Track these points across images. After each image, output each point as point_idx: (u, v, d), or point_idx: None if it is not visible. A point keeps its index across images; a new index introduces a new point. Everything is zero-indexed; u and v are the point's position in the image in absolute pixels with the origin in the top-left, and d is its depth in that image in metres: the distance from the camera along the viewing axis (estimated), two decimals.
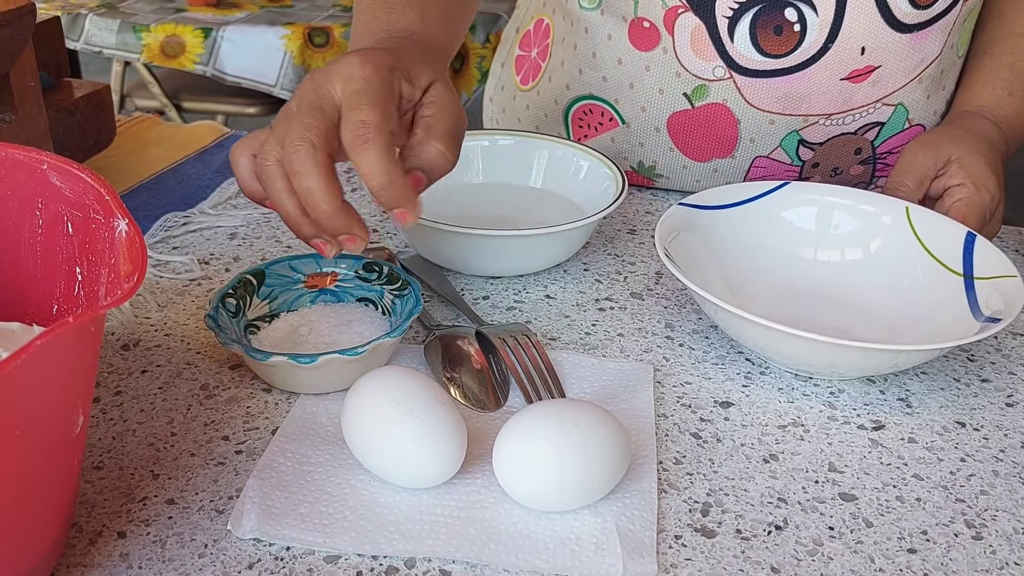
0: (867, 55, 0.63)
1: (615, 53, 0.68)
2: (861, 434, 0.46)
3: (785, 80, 0.64)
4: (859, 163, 0.70)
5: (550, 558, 0.38)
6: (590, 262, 0.61)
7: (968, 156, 0.60)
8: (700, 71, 0.65)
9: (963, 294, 0.52)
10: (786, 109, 0.65)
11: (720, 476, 0.43)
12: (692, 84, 0.66)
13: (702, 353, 0.52)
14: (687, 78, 0.66)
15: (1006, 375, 0.51)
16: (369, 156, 0.42)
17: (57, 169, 0.37)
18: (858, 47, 0.62)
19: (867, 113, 0.66)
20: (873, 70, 0.63)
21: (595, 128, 0.73)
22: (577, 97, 0.73)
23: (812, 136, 0.67)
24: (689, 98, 0.66)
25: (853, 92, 0.64)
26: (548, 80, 0.75)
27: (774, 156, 0.68)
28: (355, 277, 0.52)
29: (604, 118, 0.72)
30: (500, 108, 0.84)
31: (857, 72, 0.63)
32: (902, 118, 0.67)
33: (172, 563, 0.37)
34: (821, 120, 0.66)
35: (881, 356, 0.46)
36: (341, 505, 0.40)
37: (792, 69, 0.63)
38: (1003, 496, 0.42)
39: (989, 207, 0.59)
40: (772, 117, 0.66)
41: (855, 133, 0.67)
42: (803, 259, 0.58)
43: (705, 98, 0.66)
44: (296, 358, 0.44)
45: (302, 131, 0.42)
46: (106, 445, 0.43)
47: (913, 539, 0.40)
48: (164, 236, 0.62)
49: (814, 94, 0.64)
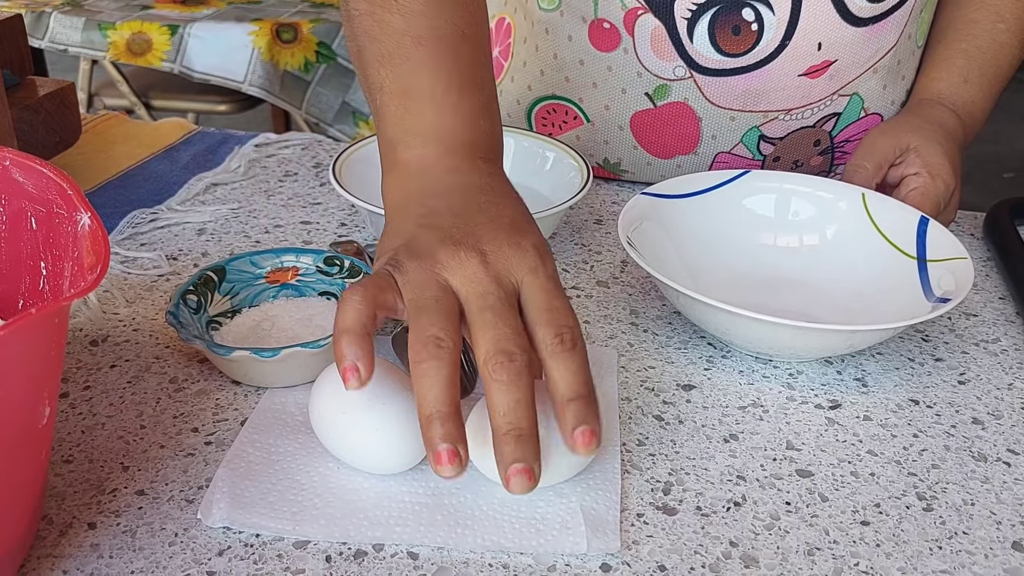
0: (824, 50, 0.64)
1: (576, 54, 0.69)
2: (818, 413, 0.48)
3: (744, 78, 0.65)
4: (818, 154, 0.71)
5: (516, 537, 0.38)
6: (557, 252, 0.62)
7: (925, 145, 0.61)
8: (661, 71, 0.66)
9: (916, 276, 0.54)
10: (746, 106, 0.66)
11: (681, 456, 0.44)
12: (654, 84, 0.67)
13: (665, 338, 0.53)
14: (648, 78, 0.67)
15: (959, 354, 0.53)
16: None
17: (19, 165, 0.37)
18: (815, 43, 0.63)
19: (825, 106, 0.67)
20: (830, 64, 0.64)
21: (559, 127, 0.74)
22: (540, 98, 0.73)
23: (772, 131, 0.68)
24: (651, 97, 0.67)
25: (811, 87, 0.66)
26: (511, 80, 0.76)
27: (736, 152, 0.69)
28: (316, 271, 0.53)
29: (568, 116, 0.72)
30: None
31: (815, 67, 0.64)
32: (858, 107, 0.69)
33: (143, 552, 0.37)
34: (781, 116, 0.67)
35: (837, 337, 0.48)
36: (310, 493, 0.40)
37: (751, 67, 0.64)
38: (953, 469, 0.44)
39: (944, 196, 0.60)
40: (733, 114, 0.67)
41: (814, 126, 0.69)
42: (763, 245, 0.59)
43: (667, 97, 0.67)
44: (259, 352, 0.45)
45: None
46: (75, 439, 0.43)
47: (867, 512, 0.41)
48: (132, 233, 0.62)
49: (773, 91, 0.66)
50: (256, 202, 0.67)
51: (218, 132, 0.79)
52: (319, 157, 0.75)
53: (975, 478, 0.43)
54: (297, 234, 0.63)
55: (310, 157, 0.75)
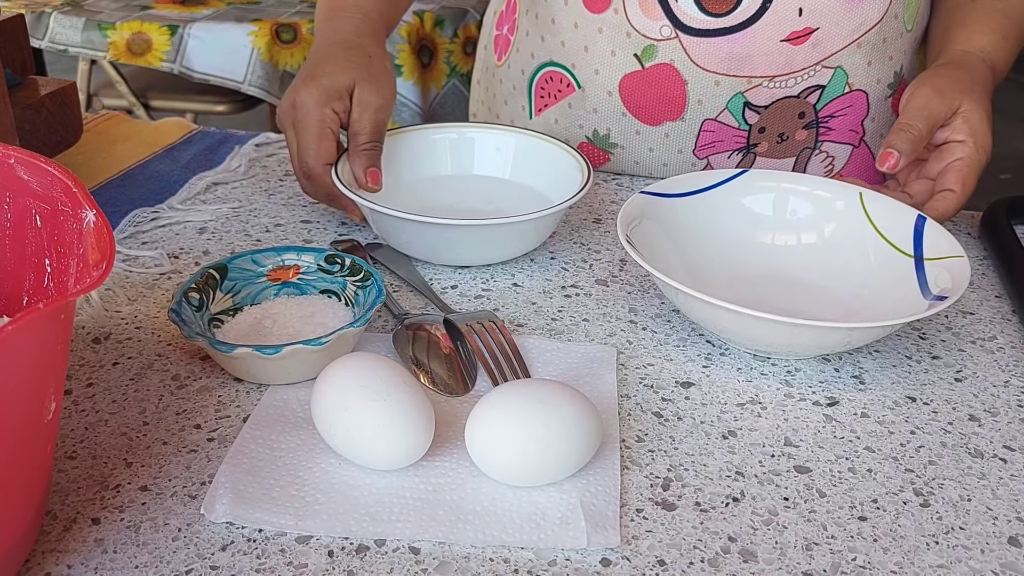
0: (805, 16, 0.66)
1: (571, 17, 0.71)
2: (816, 410, 0.48)
3: (728, 40, 0.67)
4: (803, 127, 0.72)
5: (516, 533, 0.39)
6: (556, 250, 0.63)
7: (973, 111, 0.61)
8: (648, 31, 0.68)
9: (913, 274, 0.54)
10: (730, 70, 0.68)
11: (680, 452, 0.44)
12: (642, 45, 0.69)
13: (664, 336, 0.54)
14: (637, 39, 0.69)
15: (955, 352, 0.54)
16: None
17: (24, 163, 0.38)
18: (795, 8, 0.65)
19: (808, 76, 0.69)
20: (812, 32, 0.66)
21: (554, 96, 0.75)
22: (540, 65, 0.76)
23: (757, 98, 0.70)
24: (639, 59, 0.69)
25: (794, 54, 0.67)
26: (516, 52, 0.78)
27: (721, 119, 0.71)
28: (318, 269, 0.53)
29: (563, 84, 0.75)
30: (484, 88, 0.86)
31: (796, 33, 0.66)
32: (842, 81, 0.70)
33: (146, 547, 0.38)
34: (764, 82, 0.68)
35: (835, 334, 0.48)
36: (312, 488, 0.41)
37: (734, 29, 0.66)
38: (950, 466, 0.44)
39: (983, 167, 0.61)
40: (717, 78, 0.69)
41: (798, 96, 0.70)
42: (761, 244, 0.60)
43: (654, 58, 0.69)
44: (261, 349, 0.45)
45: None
46: (79, 435, 0.44)
47: (864, 507, 0.42)
48: (133, 231, 0.63)
49: (756, 55, 0.67)
50: (257, 201, 0.68)
51: (218, 132, 0.79)
52: None
53: (971, 474, 0.44)
54: (298, 233, 0.63)
55: None
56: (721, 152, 0.72)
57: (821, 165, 0.74)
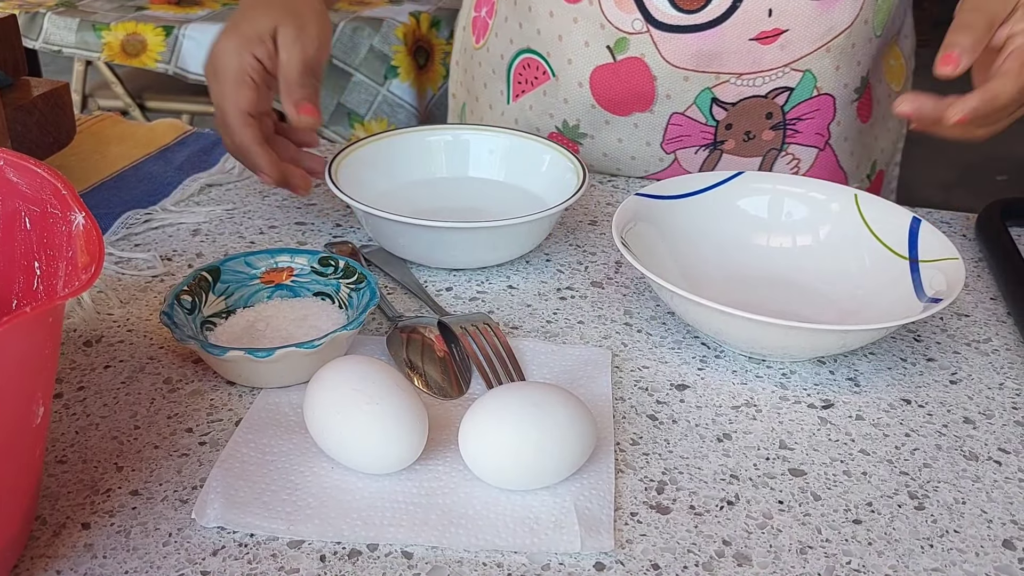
0: (774, 18, 0.66)
1: (547, 5, 0.72)
2: (811, 413, 0.48)
3: (698, 37, 0.67)
4: (771, 128, 0.72)
5: (510, 537, 0.39)
6: (552, 253, 0.63)
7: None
8: (621, 23, 0.69)
9: (908, 277, 0.54)
10: (699, 66, 0.69)
11: (675, 455, 0.44)
12: (614, 37, 0.69)
13: (659, 338, 0.53)
14: (610, 30, 0.69)
15: (950, 354, 0.53)
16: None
17: (13, 165, 0.37)
18: (765, 8, 0.66)
19: (776, 77, 0.69)
20: (781, 33, 0.66)
21: (531, 82, 0.76)
22: (519, 51, 0.76)
23: (724, 95, 0.70)
24: (612, 51, 0.70)
25: (762, 54, 0.68)
26: (495, 36, 0.79)
27: (689, 114, 0.71)
28: (311, 272, 0.53)
29: (539, 72, 0.75)
30: (463, 69, 0.86)
31: (765, 33, 0.66)
32: (810, 85, 0.70)
33: (137, 552, 0.37)
34: (732, 79, 0.69)
35: (830, 337, 0.48)
36: (304, 492, 0.40)
37: (704, 26, 0.66)
38: (944, 468, 0.44)
39: None
40: (686, 74, 0.69)
41: (766, 96, 0.70)
42: (756, 246, 0.60)
43: (626, 51, 0.69)
44: (253, 352, 0.45)
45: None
46: (69, 439, 0.43)
47: (859, 510, 0.41)
48: (126, 233, 0.62)
49: (725, 53, 0.67)
50: (251, 203, 0.67)
51: (212, 133, 0.79)
52: None
53: (966, 477, 0.44)
54: (292, 235, 0.63)
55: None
56: (688, 147, 0.73)
57: (787, 167, 0.75)
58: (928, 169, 2.82)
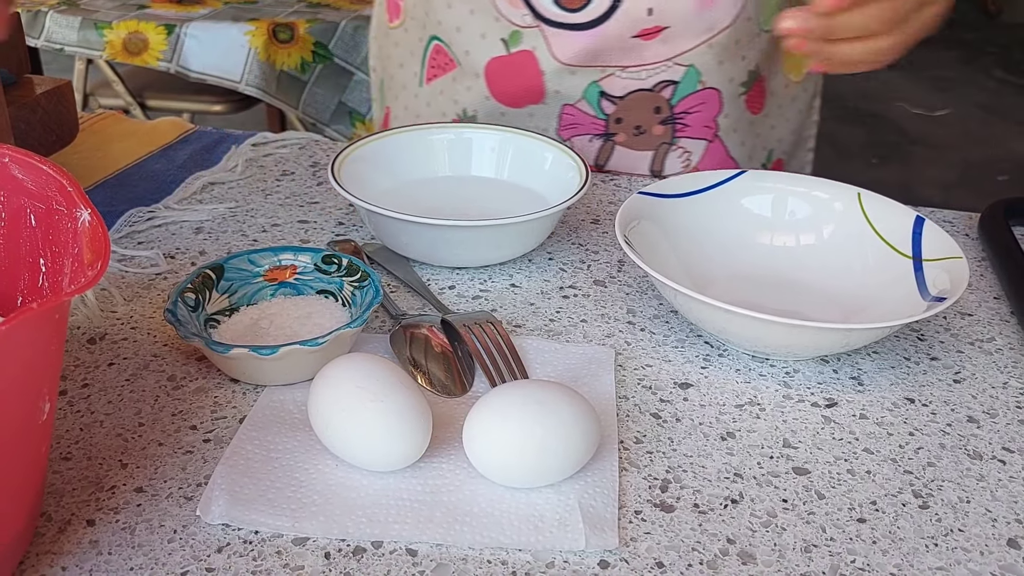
0: (655, 16, 0.68)
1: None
2: (815, 411, 0.48)
3: (583, 35, 0.69)
4: (660, 123, 0.74)
5: (515, 535, 0.39)
6: (554, 251, 0.63)
7: None
8: (513, 17, 0.70)
9: (912, 276, 0.54)
10: (584, 62, 0.70)
11: (679, 454, 0.44)
12: (508, 30, 0.71)
13: (662, 337, 0.53)
14: (504, 23, 0.71)
15: (954, 353, 0.53)
16: None
17: (19, 162, 0.37)
18: (645, 8, 0.67)
19: (660, 70, 0.71)
20: (661, 30, 0.68)
21: (442, 68, 0.78)
22: (431, 37, 0.78)
23: (611, 88, 0.72)
24: (506, 43, 0.72)
25: (644, 48, 0.69)
26: (411, 19, 0.80)
27: (580, 106, 0.73)
28: (315, 270, 0.53)
29: (447, 59, 0.77)
30: (379, 46, 0.87)
31: (647, 31, 0.68)
32: (694, 79, 0.72)
33: (142, 548, 0.37)
34: (617, 72, 0.71)
35: (834, 336, 0.48)
36: (309, 490, 0.40)
37: (588, 25, 0.68)
38: (949, 467, 0.44)
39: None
40: (573, 69, 0.71)
41: (652, 90, 0.71)
42: (759, 244, 0.60)
43: (519, 44, 0.71)
44: (257, 350, 0.45)
45: None
46: (74, 436, 0.43)
47: (863, 509, 0.41)
48: (129, 231, 0.62)
49: (609, 50, 0.69)
50: (253, 201, 0.67)
51: (215, 131, 0.79)
52: (316, 156, 0.75)
53: (970, 476, 0.44)
54: (294, 233, 0.63)
55: (307, 156, 0.75)
56: (583, 135, 0.75)
57: (678, 160, 0.76)
58: (928, 169, 2.82)
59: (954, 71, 3.57)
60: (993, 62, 3.68)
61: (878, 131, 3.08)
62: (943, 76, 3.51)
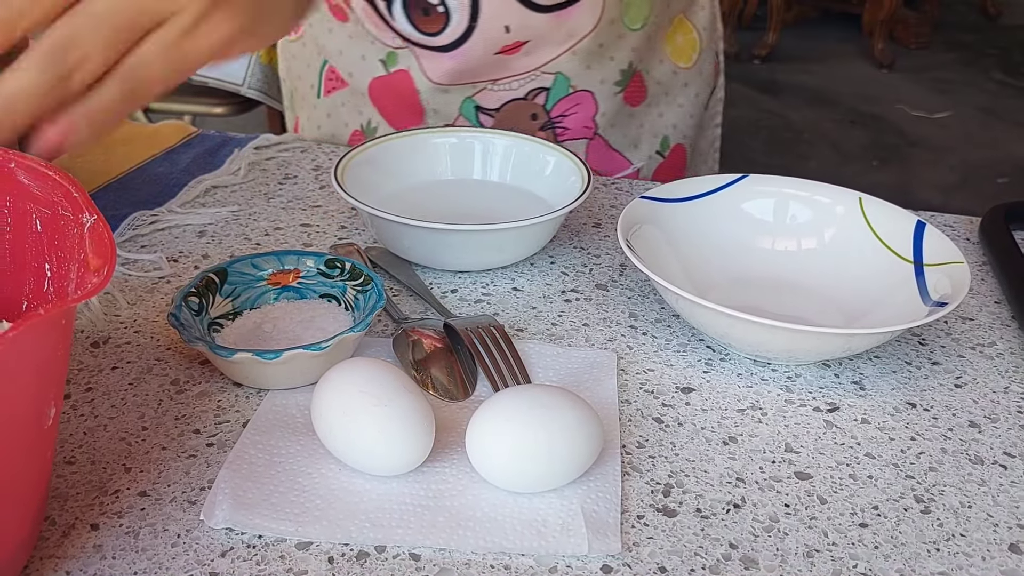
0: (513, 33, 0.68)
1: (325, 22, 0.76)
2: (816, 416, 0.48)
3: (447, 57, 0.70)
4: (539, 128, 0.75)
5: (517, 539, 0.39)
6: (556, 255, 0.63)
7: None
8: (385, 39, 0.72)
9: (913, 280, 0.54)
10: (454, 80, 0.72)
11: (681, 458, 0.44)
12: (385, 51, 0.73)
13: (664, 341, 0.54)
14: (379, 46, 0.73)
15: (955, 358, 0.54)
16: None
17: (24, 168, 0.37)
18: (502, 26, 0.68)
19: (530, 80, 0.72)
20: (522, 44, 0.68)
21: (337, 84, 0.80)
22: (324, 60, 0.80)
23: (486, 102, 0.73)
24: (384, 64, 0.73)
25: (510, 62, 0.70)
26: (308, 36, 0.81)
27: (460, 124, 0.74)
28: (318, 274, 0.53)
29: (340, 77, 0.79)
30: (282, 56, 0.89)
31: (508, 47, 0.69)
32: (564, 84, 0.73)
33: (145, 553, 0.38)
34: (488, 85, 0.72)
35: (835, 340, 0.48)
36: (312, 494, 0.41)
37: (449, 47, 0.69)
38: (950, 472, 0.44)
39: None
40: (446, 87, 0.72)
41: (525, 98, 0.72)
42: (761, 249, 0.60)
43: (396, 64, 0.73)
44: (261, 354, 0.45)
45: None
46: (77, 440, 0.44)
47: (865, 514, 0.42)
48: (132, 235, 0.63)
49: (476, 68, 0.70)
50: (256, 205, 0.67)
51: (218, 135, 0.79)
52: (318, 160, 0.75)
53: (972, 481, 0.44)
54: (297, 237, 0.63)
55: (309, 160, 0.75)
56: None
57: None
58: (928, 171, 2.83)
59: (954, 73, 3.58)
60: (993, 64, 3.68)
61: (878, 133, 3.09)
62: (943, 78, 3.52)
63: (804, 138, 3.04)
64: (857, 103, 3.28)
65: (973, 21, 4.17)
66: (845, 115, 3.19)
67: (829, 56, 3.70)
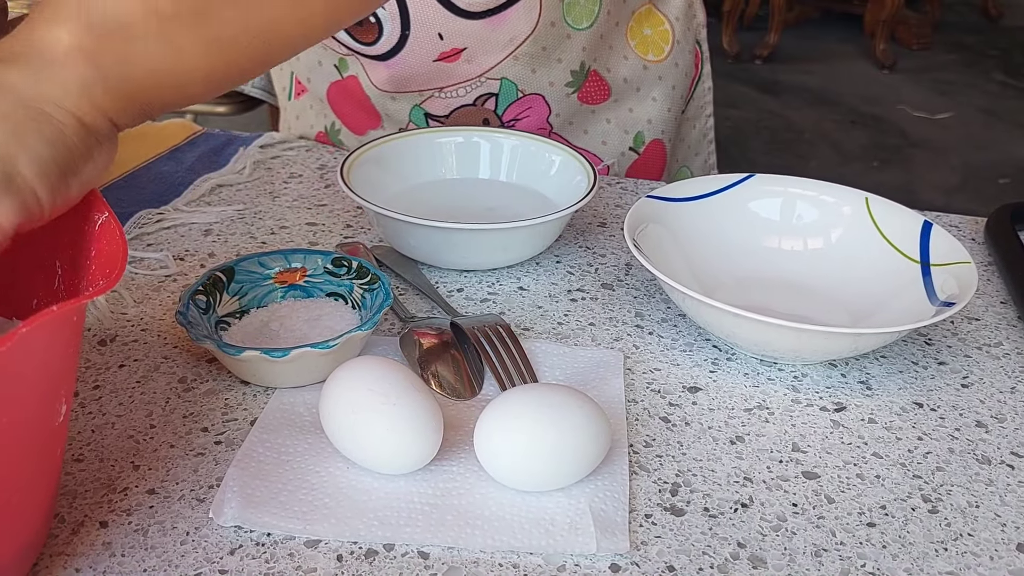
0: (448, 40, 0.67)
1: None
2: (823, 416, 0.48)
3: (386, 65, 0.69)
4: None
5: (526, 538, 0.39)
6: (562, 254, 0.63)
7: None
8: (334, 45, 0.71)
9: (920, 280, 0.54)
10: (399, 88, 0.71)
11: (688, 458, 0.44)
12: (336, 56, 0.73)
13: (671, 340, 0.54)
14: (331, 51, 0.72)
15: (962, 358, 0.54)
16: None
17: None
18: (434, 33, 0.67)
19: (475, 86, 0.71)
20: (460, 51, 0.67)
21: (299, 92, 0.80)
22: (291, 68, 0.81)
23: (434, 109, 0.72)
24: (339, 68, 0.73)
25: (452, 69, 0.70)
26: None
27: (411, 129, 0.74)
28: (324, 272, 0.53)
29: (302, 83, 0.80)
30: None
31: (445, 54, 0.68)
32: (512, 89, 0.72)
33: (155, 550, 0.38)
34: (435, 93, 0.71)
35: (842, 340, 0.48)
36: (320, 492, 0.41)
37: (386, 55, 0.68)
38: (957, 472, 0.44)
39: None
40: (392, 95, 0.72)
41: (475, 104, 0.71)
42: (767, 248, 0.60)
43: (348, 69, 0.73)
44: (269, 352, 0.45)
45: None
46: (86, 438, 0.44)
47: (872, 514, 0.42)
48: (138, 233, 0.63)
49: (416, 75, 0.70)
50: (261, 203, 0.67)
51: (223, 133, 0.79)
52: (323, 159, 0.75)
53: (979, 480, 0.44)
54: (303, 235, 0.63)
55: (315, 159, 0.75)
56: None
57: None
58: (930, 172, 2.83)
59: (955, 74, 3.58)
60: (994, 65, 3.68)
61: (879, 134, 3.09)
62: (944, 79, 3.51)
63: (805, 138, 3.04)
64: (858, 104, 3.28)
65: (974, 22, 4.17)
66: (846, 116, 3.18)
67: (830, 56, 3.70)
